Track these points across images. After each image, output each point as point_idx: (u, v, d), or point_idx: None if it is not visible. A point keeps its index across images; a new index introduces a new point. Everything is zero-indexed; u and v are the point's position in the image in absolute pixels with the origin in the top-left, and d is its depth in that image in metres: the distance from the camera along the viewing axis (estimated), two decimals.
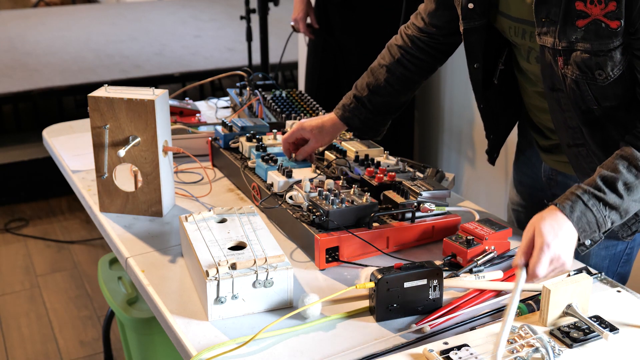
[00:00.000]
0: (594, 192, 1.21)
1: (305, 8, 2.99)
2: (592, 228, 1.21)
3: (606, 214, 1.22)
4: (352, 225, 1.39)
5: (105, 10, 6.91)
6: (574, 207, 1.20)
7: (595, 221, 1.21)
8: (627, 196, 1.22)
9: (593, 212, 1.21)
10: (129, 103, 1.49)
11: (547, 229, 1.17)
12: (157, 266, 1.38)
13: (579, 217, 1.20)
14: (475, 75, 1.52)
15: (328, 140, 1.66)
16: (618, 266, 1.54)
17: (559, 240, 1.17)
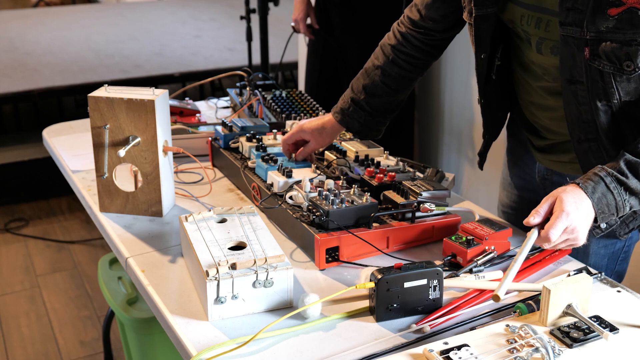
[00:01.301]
0: (617, 175, 1.23)
1: (305, 8, 2.99)
2: (611, 210, 1.23)
3: (626, 198, 1.23)
4: (352, 225, 1.39)
5: (105, 10, 6.91)
6: (596, 187, 1.22)
7: (615, 204, 1.23)
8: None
9: (614, 195, 1.22)
10: (129, 103, 1.49)
11: (569, 199, 1.19)
12: (157, 266, 1.38)
13: (599, 198, 1.22)
14: (482, 66, 1.49)
15: (328, 141, 1.66)
16: (616, 264, 1.55)
17: (578, 213, 1.19)
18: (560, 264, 1.39)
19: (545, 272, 1.36)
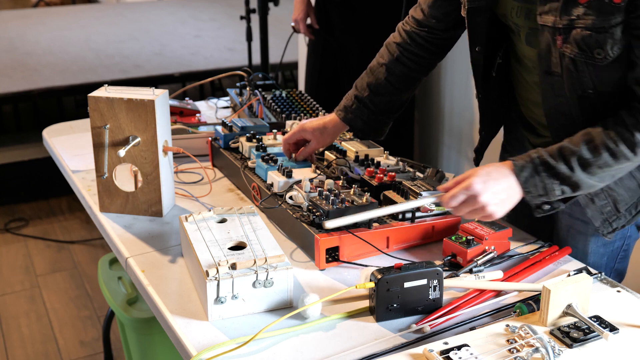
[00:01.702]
0: (547, 159, 1.27)
1: (305, 8, 2.99)
2: (539, 191, 1.28)
3: (554, 182, 1.27)
4: (352, 225, 1.39)
5: (105, 10, 6.91)
6: (525, 167, 1.28)
7: (543, 186, 1.27)
8: (580, 171, 1.26)
9: (542, 177, 1.27)
10: (129, 103, 1.49)
11: (480, 174, 1.26)
12: (157, 266, 1.38)
13: (526, 177, 1.27)
14: (477, 59, 1.50)
15: (329, 141, 1.66)
16: (615, 262, 1.55)
17: (486, 187, 1.25)
18: (560, 264, 1.39)
19: (545, 272, 1.36)
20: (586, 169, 1.26)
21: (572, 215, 1.51)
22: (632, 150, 1.24)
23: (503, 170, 1.28)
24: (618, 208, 1.44)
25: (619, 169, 1.28)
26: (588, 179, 1.27)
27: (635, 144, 1.24)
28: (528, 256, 1.41)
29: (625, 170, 1.30)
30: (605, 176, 1.28)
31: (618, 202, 1.43)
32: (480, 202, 1.25)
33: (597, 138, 1.26)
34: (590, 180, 1.27)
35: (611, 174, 1.28)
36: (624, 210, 1.44)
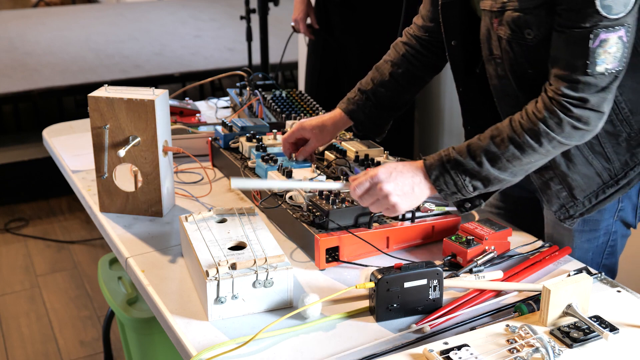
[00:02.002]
0: (456, 156, 1.30)
1: (305, 8, 2.99)
2: (451, 189, 1.31)
3: (465, 179, 1.30)
4: (352, 225, 1.39)
5: (105, 10, 6.91)
6: (433, 165, 1.31)
7: (454, 183, 1.30)
8: (489, 166, 1.28)
9: (451, 174, 1.30)
10: (129, 103, 1.49)
11: (388, 166, 1.31)
12: (157, 266, 1.38)
13: (436, 175, 1.31)
14: (453, 53, 1.52)
15: (329, 139, 1.66)
16: (602, 258, 1.55)
17: (391, 181, 1.29)
18: (560, 264, 1.39)
19: (545, 272, 1.36)
20: (495, 163, 1.28)
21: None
22: (536, 140, 1.25)
23: (412, 167, 1.32)
24: (574, 194, 1.44)
25: (529, 162, 1.29)
26: (499, 174, 1.29)
27: (539, 133, 1.25)
28: (528, 256, 1.41)
29: (538, 163, 1.31)
30: (516, 170, 1.29)
31: (573, 189, 1.44)
32: (383, 190, 1.28)
33: (504, 131, 1.28)
34: (501, 175, 1.29)
35: (523, 168, 1.29)
36: (582, 197, 1.44)
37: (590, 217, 1.48)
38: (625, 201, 1.49)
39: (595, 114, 1.24)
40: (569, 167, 1.41)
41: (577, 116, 1.23)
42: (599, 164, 1.41)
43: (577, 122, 1.24)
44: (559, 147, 1.28)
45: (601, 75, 1.21)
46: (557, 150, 1.29)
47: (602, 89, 1.23)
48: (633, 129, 1.38)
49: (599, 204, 1.45)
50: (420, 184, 1.31)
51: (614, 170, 1.41)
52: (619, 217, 1.50)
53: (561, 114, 1.23)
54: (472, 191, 1.31)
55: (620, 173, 1.42)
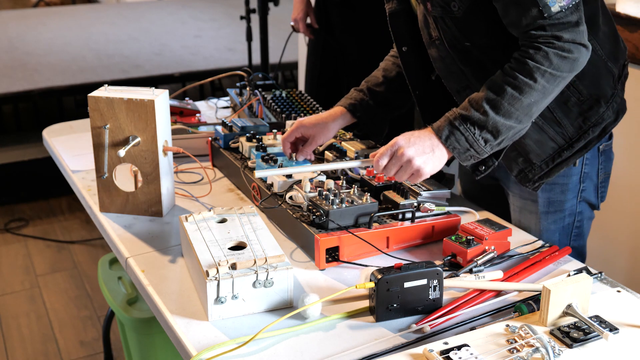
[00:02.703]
0: (460, 112, 1.34)
1: (305, 8, 2.99)
2: (464, 145, 1.33)
3: (474, 131, 1.32)
4: (352, 225, 1.39)
5: (105, 10, 6.91)
6: (442, 126, 1.34)
7: (465, 139, 1.32)
8: (494, 114, 1.31)
9: (460, 130, 1.33)
10: (129, 103, 1.49)
11: (405, 135, 1.34)
12: (157, 266, 1.38)
13: (447, 135, 1.33)
14: (405, 58, 1.58)
15: (330, 135, 1.66)
16: (570, 240, 1.60)
17: (410, 144, 1.32)
18: (560, 264, 1.39)
19: (545, 272, 1.36)
20: (498, 109, 1.31)
21: (523, 196, 1.58)
22: (530, 77, 1.29)
23: (426, 131, 1.35)
24: (530, 159, 1.50)
25: (530, 103, 1.31)
26: (505, 121, 1.31)
27: (531, 69, 1.29)
28: (528, 256, 1.41)
29: (540, 104, 1.33)
30: (520, 115, 1.32)
31: (529, 153, 1.49)
32: (406, 155, 1.31)
33: (498, 79, 1.33)
34: (507, 122, 1.32)
35: (525, 111, 1.32)
36: (539, 162, 1.50)
37: (554, 198, 1.54)
38: (587, 181, 1.55)
39: (576, 46, 1.29)
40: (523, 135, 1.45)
41: (559, 46, 1.29)
42: (550, 129, 1.46)
43: (561, 51, 1.28)
44: (553, 81, 1.30)
45: (560, 14, 1.27)
46: (552, 85, 1.31)
47: (570, 24, 1.28)
48: (582, 93, 1.44)
49: (556, 167, 1.49)
50: (437, 145, 1.34)
51: (568, 134, 1.46)
52: (583, 198, 1.56)
53: (545, 47, 1.29)
54: (483, 145, 1.33)
55: (575, 136, 1.47)
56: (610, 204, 2.28)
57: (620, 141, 2.23)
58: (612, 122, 1.47)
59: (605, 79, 1.45)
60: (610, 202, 2.28)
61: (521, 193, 1.58)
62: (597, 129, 1.46)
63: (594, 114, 1.45)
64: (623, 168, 2.24)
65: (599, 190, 1.58)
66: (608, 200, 1.69)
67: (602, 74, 1.44)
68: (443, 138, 1.33)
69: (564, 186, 1.54)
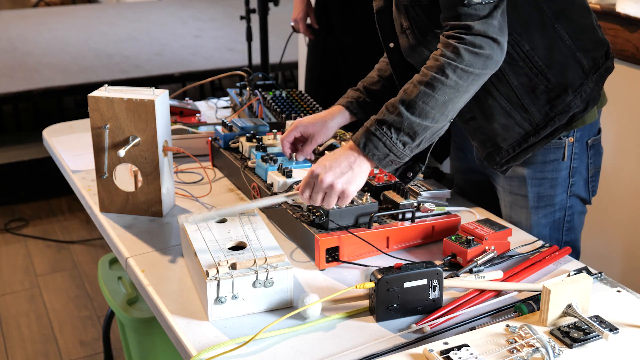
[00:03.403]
0: (376, 117, 1.33)
1: (305, 8, 2.99)
2: (382, 151, 1.32)
3: (391, 135, 1.31)
4: (352, 225, 1.39)
5: (105, 10, 6.91)
6: (359, 135, 1.33)
7: (383, 144, 1.31)
8: (409, 114, 1.30)
9: (377, 135, 1.31)
10: (129, 103, 1.49)
11: (320, 160, 1.34)
12: (157, 266, 1.38)
13: (364, 143, 1.32)
14: (392, 55, 1.59)
15: (330, 134, 1.66)
16: (562, 234, 1.61)
17: (327, 170, 1.31)
18: (560, 264, 1.39)
19: (545, 272, 1.36)
20: (413, 109, 1.30)
21: (512, 192, 1.60)
22: (441, 73, 1.30)
23: (344, 149, 1.35)
24: (497, 142, 1.53)
25: (445, 101, 1.31)
26: (420, 121, 1.31)
27: (442, 66, 1.30)
28: (528, 256, 1.41)
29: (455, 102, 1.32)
30: (435, 113, 1.31)
31: (496, 137, 1.52)
32: (325, 182, 1.30)
33: (414, 79, 1.34)
34: (423, 122, 1.31)
35: (441, 109, 1.31)
36: (506, 146, 1.52)
37: (544, 193, 1.55)
38: (576, 176, 1.56)
39: (486, 40, 1.30)
40: (489, 119, 1.50)
41: (469, 41, 1.29)
42: (517, 115, 1.48)
43: (471, 47, 1.29)
44: (467, 78, 1.30)
45: (479, 5, 1.29)
46: (466, 82, 1.31)
47: (483, 17, 1.30)
48: (551, 81, 1.45)
49: (522, 152, 1.51)
50: (356, 160, 1.33)
51: (535, 120, 1.48)
52: (572, 193, 1.57)
53: (454, 43, 1.30)
54: (402, 148, 1.32)
55: (541, 123, 1.48)
56: (609, 204, 2.29)
57: (620, 140, 2.23)
58: (580, 111, 1.48)
59: (573, 69, 1.46)
60: (608, 202, 2.28)
61: (511, 188, 1.60)
62: (563, 117, 1.47)
63: (561, 102, 1.46)
64: (620, 166, 2.24)
65: (590, 184, 1.60)
66: (603, 198, 1.70)
67: (569, 64, 1.46)
68: (361, 146, 1.32)
69: (553, 181, 1.55)
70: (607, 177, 2.16)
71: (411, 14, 1.46)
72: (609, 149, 1.96)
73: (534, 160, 1.54)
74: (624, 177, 2.25)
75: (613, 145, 2.22)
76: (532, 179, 1.55)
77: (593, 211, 1.78)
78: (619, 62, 2.17)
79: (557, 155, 1.53)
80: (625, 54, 2.16)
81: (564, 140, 1.52)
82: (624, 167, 2.24)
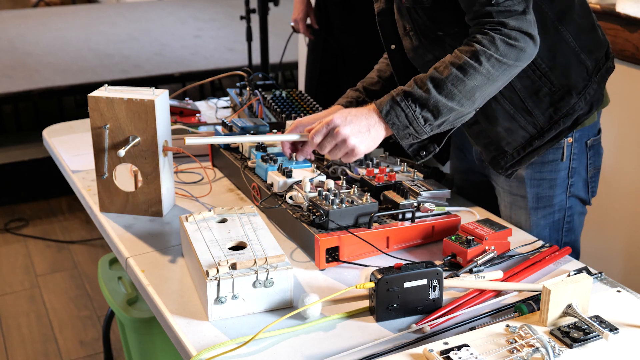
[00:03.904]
0: (404, 88, 1.36)
1: (305, 8, 2.99)
2: (403, 122, 1.35)
3: (415, 109, 1.33)
4: (352, 225, 1.39)
5: (105, 10, 6.91)
6: (384, 102, 1.36)
7: (405, 115, 1.34)
8: (436, 92, 1.32)
9: (401, 106, 1.34)
10: (129, 103, 1.49)
11: (342, 111, 1.35)
12: (157, 266, 1.38)
13: (387, 110, 1.35)
14: (394, 56, 1.61)
15: None
16: (562, 235, 1.61)
17: (347, 124, 1.33)
18: (560, 264, 1.39)
19: (545, 272, 1.36)
20: (441, 89, 1.32)
21: (512, 192, 1.60)
22: (475, 59, 1.31)
23: (366, 109, 1.36)
24: (502, 146, 1.53)
25: (473, 87, 1.33)
26: (446, 101, 1.33)
27: (477, 52, 1.31)
28: (528, 256, 1.41)
29: (483, 88, 1.34)
30: (462, 98, 1.33)
31: (500, 141, 1.53)
32: (341, 134, 1.32)
33: (446, 60, 1.35)
34: (449, 103, 1.33)
35: (468, 94, 1.33)
36: (511, 149, 1.53)
37: (543, 194, 1.56)
38: (575, 176, 1.56)
39: (522, 35, 1.31)
40: (493, 122, 1.50)
41: (506, 34, 1.31)
42: (522, 118, 1.48)
43: (507, 38, 1.31)
44: (499, 67, 1.32)
45: (507, 2, 1.30)
46: (498, 72, 1.32)
47: (517, 13, 1.31)
48: (554, 84, 1.45)
49: (527, 155, 1.52)
50: (375, 125, 1.35)
51: (539, 123, 1.49)
52: (572, 193, 1.58)
53: (492, 33, 1.32)
54: (423, 124, 1.34)
55: (546, 126, 1.49)
56: (609, 204, 2.29)
57: (620, 140, 2.23)
58: (584, 113, 1.48)
59: (576, 71, 1.46)
60: (609, 202, 2.28)
61: (510, 189, 1.60)
62: (568, 119, 1.47)
63: (565, 104, 1.46)
64: (620, 166, 2.24)
65: (589, 185, 1.60)
66: (604, 199, 1.70)
67: (573, 65, 1.46)
68: (383, 113, 1.35)
69: (552, 181, 1.55)
70: (607, 177, 2.16)
71: (413, 16, 1.46)
72: (609, 150, 1.96)
73: (533, 161, 1.54)
74: (624, 178, 2.25)
75: (613, 146, 2.23)
76: (530, 180, 1.56)
77: (593, 211, 1.78)
78: (619, 62, 2.18)
79: (556, 156, 1.53)
80: (625, 54, 2.16)
81: (563, 140, 1.52)
82: (624, 168, 2.24)
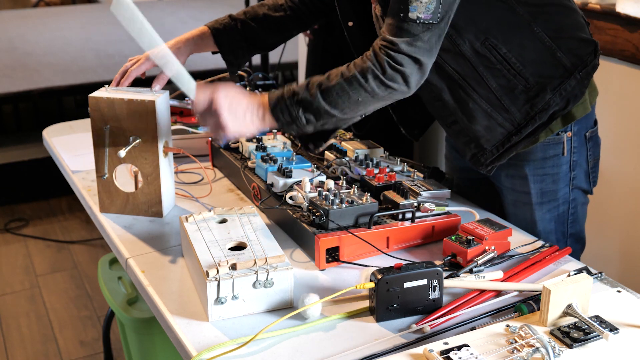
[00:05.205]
0: (294, 88, 1.39)
1: None
2: (286, 118, 1.38)
3: (299, 109, 1.37)
4: (352, 225, 1.39)
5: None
6: (274, 96, 1.38)
7: (289, 114, 1.38)
8: (321, 98, 1.35)
9: (286, 103, 1.37)
10: (129, 103, 1.49)
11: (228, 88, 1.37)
12: (157, 266, 1.38)
13: (274, 105, 1.38)
14: (352, 34, 1.64)
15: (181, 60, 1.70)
16: (567, 227, 1.63)
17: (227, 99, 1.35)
18: (560, 264, 1.39)
19: (545, 272, 1.36)
20: (326, 96, 1.35)
21: (515, 189, 1.61)
22: (363, 76, 1.34)
23: (254, 98, 1.39)
24: (481, 144, 1.55)
25: (357, 101, 1.35)
26: (329, 108, 1.36)
27: (366, 69, 1.34)
28: (528, 256, 1.41)
29: (367, 104, 1.37)
30: (345, 107, 1.36)
31: (479, 139, 1.55)
32: (222, 117, 1.34)
33: (340, 69, 1.39)
34: (331, 110, 1.36)
35: (351, 106, 1.36)
36: (490, 147, 1.55)
37: (547, 189, 1.57)
38: (577, 169, 1.58)
39: (409, 60, 1.33)
40: (471, 121, 1.53)
41: (392, 56, 1.32)
42: (499, 116, 1.50)
43: (393, 62, 1.32)
44: (384, 89, 1.34)
45: (413, 22, 1.31)
46: (382, 92, 1.35)
47: (413, 36, 1.32)
48: (529, 81, 1.47)
49: (506, 151, 1.54)
50: (255, 113, 1.38)
51: (516, 120, 1.50)
52: (575, 185, 1.59)
53: (381, 53, 1.34)
54: (305, 123, 1.38)
55: (522, 122, 1.50)
56: (608, 204, 2.29)
57: (620, 140, 2.23)
58: (560, 109, 1.49)
59: (550, 67, 1.47)
60: (608, 202, 2.28)
61: (513, 186, 1.61)
62: (544, 115, 1.49)
63: (540, 100, 1.48)
64: (619, 166, 2.24)
65: (591, 175, 1.62)
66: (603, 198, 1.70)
67: (546, 62, 1.47)
68: (271, 107, 1.38)
69: (555, 176, 1.56)
70: (606, 177, 2.16)
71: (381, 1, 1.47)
72: (608, 149, 1.96)
73: (534, 157, 1.55)
74: (623, 178, 2.25)
75: (612, 146, 2.23)
76: (533, 176, 1.57)
77: (593, 211, 1.78)
78: (619, 62, 2.18)
79: (557, 151, 1.54)
80: (625, 54, 2.16)
81: (563, 135, 1.53)
82: (623, 168, 2.24)
